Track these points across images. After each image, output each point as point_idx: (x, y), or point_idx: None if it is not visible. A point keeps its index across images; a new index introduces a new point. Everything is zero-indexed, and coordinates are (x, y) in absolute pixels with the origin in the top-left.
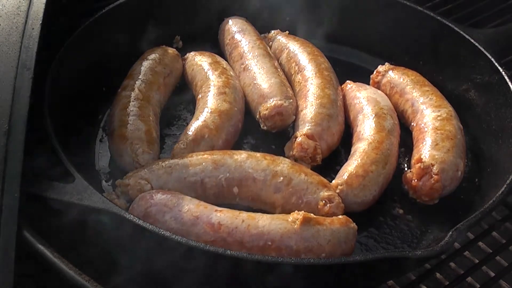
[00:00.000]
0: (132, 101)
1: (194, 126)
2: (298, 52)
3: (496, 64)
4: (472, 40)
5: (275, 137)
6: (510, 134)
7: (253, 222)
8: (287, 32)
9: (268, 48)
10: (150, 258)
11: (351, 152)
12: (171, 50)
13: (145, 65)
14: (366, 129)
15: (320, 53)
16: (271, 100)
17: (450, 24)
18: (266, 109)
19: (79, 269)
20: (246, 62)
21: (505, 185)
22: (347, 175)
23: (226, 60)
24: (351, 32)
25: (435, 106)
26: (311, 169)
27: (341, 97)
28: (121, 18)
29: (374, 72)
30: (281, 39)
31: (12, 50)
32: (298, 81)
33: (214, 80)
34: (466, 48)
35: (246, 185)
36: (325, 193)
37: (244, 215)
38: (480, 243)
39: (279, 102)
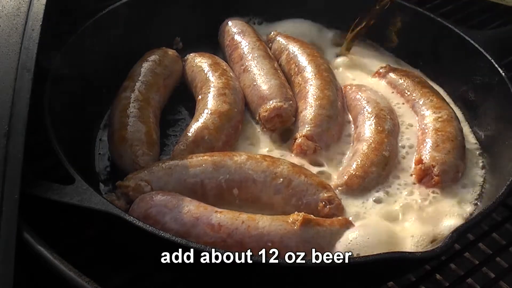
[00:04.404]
0: (132, 102)
1: (194, 127)
2: (298, 53)
3: (496, 65)
4: (472, 42)
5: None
6: (510, 134)
7: (253, 223)
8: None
9: (268, 49)
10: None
11: (351, 153)
12: (171, 52)
13: (145, 66)
14: (366, 130)
15: (320, 54)
16: (271, 102)
17: (450, 26)
18: (266, 111)
19: (79, 270)
20: (246, 64)
21: (505, 186)
22: (347, 176)
23: (226, 61)
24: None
25: (436, 107)
26: None
27: (341, 98)
28: (121, 20)
29: (375, 73)
30: (281, 40)
31: (12, 51)
32: (298, 82)
33: (214, 81)
34: (466, 50)
35: (246, 186)
36: (324, 195)
37: (244, 216)
38: (480, 244)
39: (279, 104)
